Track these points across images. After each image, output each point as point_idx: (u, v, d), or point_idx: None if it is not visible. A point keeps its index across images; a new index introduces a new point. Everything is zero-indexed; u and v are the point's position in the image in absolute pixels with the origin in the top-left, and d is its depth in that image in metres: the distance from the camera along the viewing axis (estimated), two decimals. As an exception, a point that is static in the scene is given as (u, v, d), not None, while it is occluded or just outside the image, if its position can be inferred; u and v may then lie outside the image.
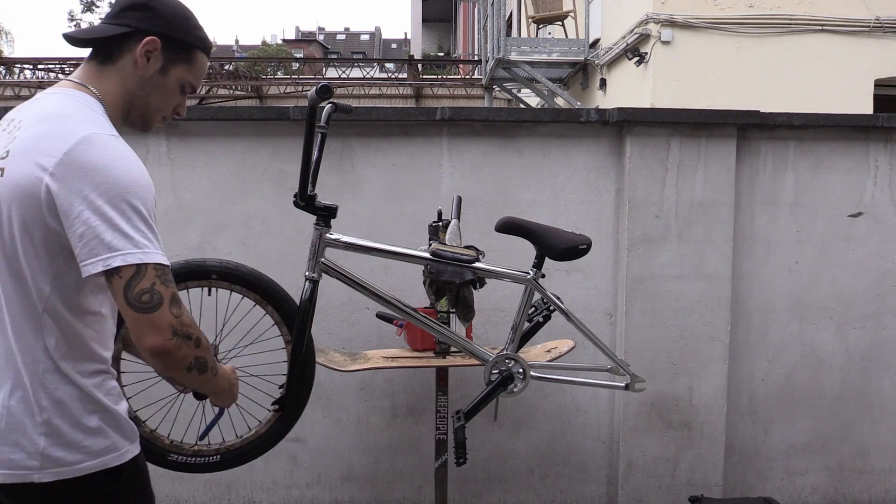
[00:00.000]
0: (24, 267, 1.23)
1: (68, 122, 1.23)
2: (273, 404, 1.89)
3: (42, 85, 13.31)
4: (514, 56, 8.26)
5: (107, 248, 1.16)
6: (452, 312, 2.28)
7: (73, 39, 1.36)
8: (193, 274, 1.77)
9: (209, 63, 1.49)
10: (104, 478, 1.29)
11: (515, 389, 2.12)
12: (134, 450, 1.35)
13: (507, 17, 9.45)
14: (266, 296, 1.85)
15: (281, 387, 1.91)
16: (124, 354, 1.65)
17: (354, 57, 45.79)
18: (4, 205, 1.22)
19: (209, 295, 1.82)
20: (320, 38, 61.00)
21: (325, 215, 1.88)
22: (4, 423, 1.23)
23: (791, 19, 6.47)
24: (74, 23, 22.12)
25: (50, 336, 1.25)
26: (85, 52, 1.38)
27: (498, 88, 10.57)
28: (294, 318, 1.86)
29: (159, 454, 1.79)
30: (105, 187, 1.17)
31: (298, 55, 35.50)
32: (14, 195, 1.20)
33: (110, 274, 1.18)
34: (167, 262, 1.23)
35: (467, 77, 14.95)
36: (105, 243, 1.16)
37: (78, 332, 1.28)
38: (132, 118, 1.39)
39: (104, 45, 1.34)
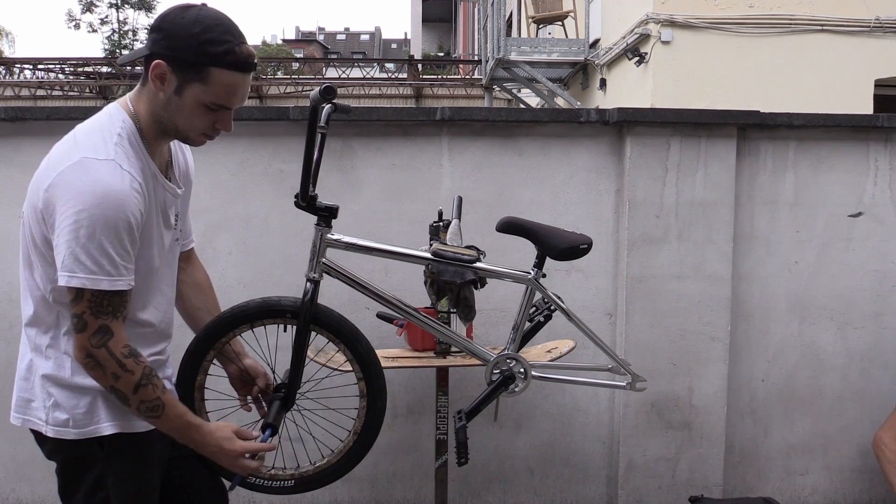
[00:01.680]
0: (35, 266, 1.46)
1: (74, 145, 1.39)
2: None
3: (42, 85, 13.31)
4: (514, 56, 8.27)
5: (61, 265, 1.35)
6: (453, 312, 2.28)
7: (122, 65, 1.51)
8: (269, 312, 1.84)
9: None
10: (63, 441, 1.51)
11: (517, 389, 2.12)
12: (85, 433, 1.50)
13: (507, 17, 9.45)
14: (338, 334, 1.88)
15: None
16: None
17: (354, 57, 45.80)
18: (25, 214, 1.45)
19: (285, 331, 1.88)
20: (320, 38, 61.01)
21: (327, 216, 1.88)
22: None
23: (791, 19, 6.47)
24: (74, 23, 22.11)
25: (52, 319, 1.48)
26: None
27: (498, 88, 10.57)
28: (367, 356, 1.89)
29: (238, 474, 1.85)
30: (70, 212, 1.33)
31: (298, 55, 35.51)
32: (29, 207, 1.43)
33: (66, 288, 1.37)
34: (115, 288, 1.38)
35: (467, 77, 14.96)
36: (61, 260, 1.35)
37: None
38: (170, 136, 1.50)
39: (143, 67, 1.43)
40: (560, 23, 9.21)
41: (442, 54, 32.36)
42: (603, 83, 8.04)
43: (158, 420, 1.49)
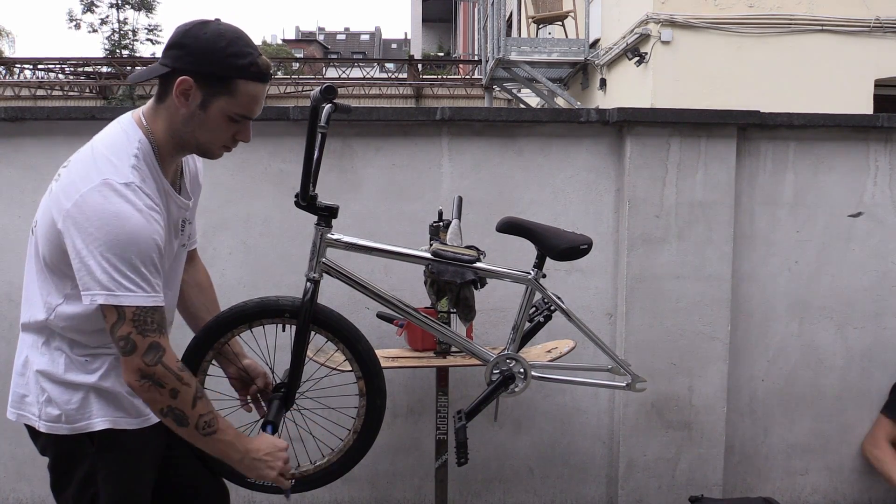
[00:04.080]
0: (39, 278, 1.48)
1: (94, 166, 1.39)
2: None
3: (42, 85, 13.31)
4: (514, 56, 8.27)
5: (95, 285, 1.35)
6: (453, 312, 2.28)
7: (134, 83, 1.52)
8: (267, 312, 1.84)
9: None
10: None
11: (517, 389, 2.12)
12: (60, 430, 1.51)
13: (507, 17, 9.45)
14: (337, 334, 1.88)
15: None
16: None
17: (354, 57, 45.80)
18: (38, 226, 1.46)
19: (283, 331, 1.88)
20: (320, 38, 61.01)
21: (327, 215, 1.88)
22: None
23: (791, 19, 6.47)
24: (74, 23, 22.09)
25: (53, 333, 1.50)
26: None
27: (498, 88, 10.58)
28: (366, 356, 1.89)
29: (240, 475, 1.85)
30: (99, 234, 1.34)
31: (298, 55, 35.50)
32: (45, 226, 1.43)
33: (103, 311, 1.39)
34: (152, 304, 1.39)
35: (467, 77, 14.97)
36: (95, 280, 1.35)
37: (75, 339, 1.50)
38: (189, 151, 1.53)
39: (160, 83, 1.44)
40: (560, 23, 9.21)
41: (442, 54, 32.35)
42: (603, 83, 8.04)
43: (214, 436, 1.49)
